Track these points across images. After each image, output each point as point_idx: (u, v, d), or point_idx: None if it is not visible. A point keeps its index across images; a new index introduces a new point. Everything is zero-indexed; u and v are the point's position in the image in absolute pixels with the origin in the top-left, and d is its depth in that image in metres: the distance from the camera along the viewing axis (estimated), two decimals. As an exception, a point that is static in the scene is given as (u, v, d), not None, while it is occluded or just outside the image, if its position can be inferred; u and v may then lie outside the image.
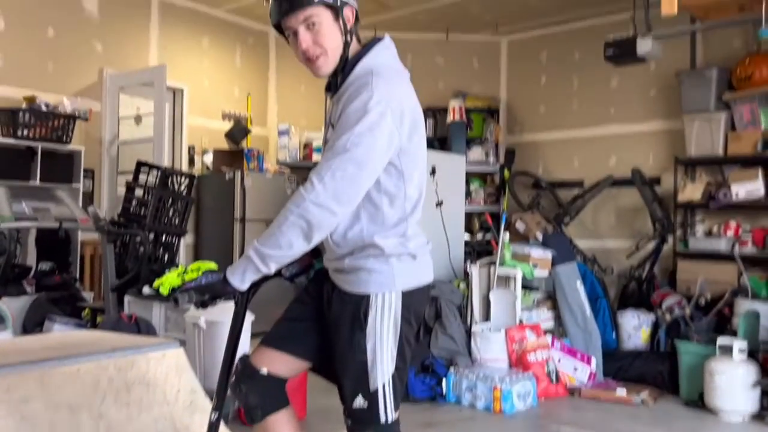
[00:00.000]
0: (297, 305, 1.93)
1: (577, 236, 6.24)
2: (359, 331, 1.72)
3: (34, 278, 5.23)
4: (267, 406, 1.84)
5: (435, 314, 4.71)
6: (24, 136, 5.30)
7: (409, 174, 1.76)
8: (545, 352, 4.46)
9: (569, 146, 6.82)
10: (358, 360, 1.73)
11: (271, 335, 1.90)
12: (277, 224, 1.66)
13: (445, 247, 5.44)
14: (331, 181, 1.62)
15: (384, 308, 1.73)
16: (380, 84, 1.69)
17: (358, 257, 1.74)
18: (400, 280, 1.75)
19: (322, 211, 1.62)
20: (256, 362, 1.85)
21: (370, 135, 1.64)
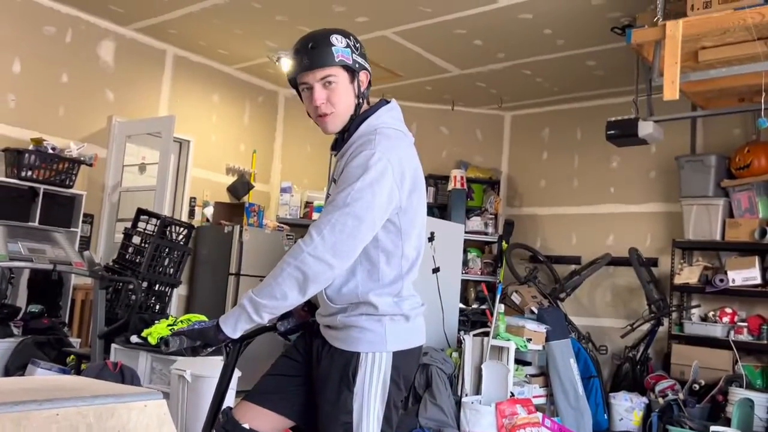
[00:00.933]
0: (285, 360, 1.90)
1: (572, 312, 6.20)
2: (346, 391, 1.70)
3: (22, 320, 5.16)
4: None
5: (425, 382, 4.64)
6: (27, 177, 5.34)
7: (407, 233, 1.76)
8: (535, 429, 4.36)
9: (568, 222, 6.86)
10: (343, 420, 1.70)
11: (256, 390, 1.87)
12: (273, 275, 1.66)
13: (439, 314, 5.40)
14: (330, 235, 1.63)
15: (374, 369, 1.70)
16: (383, 142, 1.72)
17: (350, 315, 1.73)
18: (392, 341, 1.73)
19: (320, 263, 1.62)
20: (239, 416, 1.82)
21: (371, 191, 1.65)
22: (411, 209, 1.77)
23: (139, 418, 2.38)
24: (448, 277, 5.58)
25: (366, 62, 1.87)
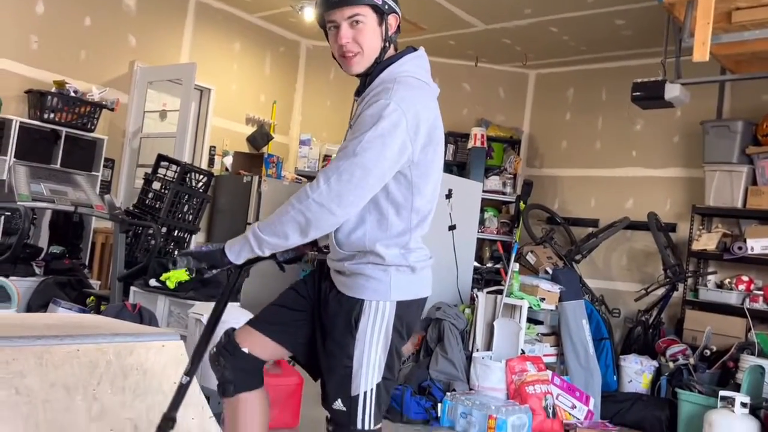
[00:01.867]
0: (292, 294, 1.91)
1: (587, 275, 6.20)
2: (349, 336, 1.72)
3: (44, 260, 5.26)
4: (241, 383, 1.85)
5: (437, 337, 4.69)
6: (50, 120, 5.37)
7: (418, 187, 1.75)
8: (544, 386, 4.41)
9: (587, 184, 6.80)
10: (343, 364, 1.73)
11: (260, 318, 1.90)
12: (278, 214, 1.68)
13: (453, 272, 5.42)
14: (336, 183, 1.62)
15: (377, 317, 1.72)
16: (401, 92, 1.68)
17: (358, 262, 1.74)
18: (397, 291, 1.74)
19: (323, 210, 1.63)
20: (239, 340, 1.85)
21: (381, 142, 1.63)
22: (424, 163, 1.74)
23: (156, 357, 2.44)
24: (464, 234, 5.58)
25: (396, 5, 1.83)
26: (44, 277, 5.07)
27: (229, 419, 1.90)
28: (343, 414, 1.73)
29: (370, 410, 1.73)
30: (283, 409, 3.63)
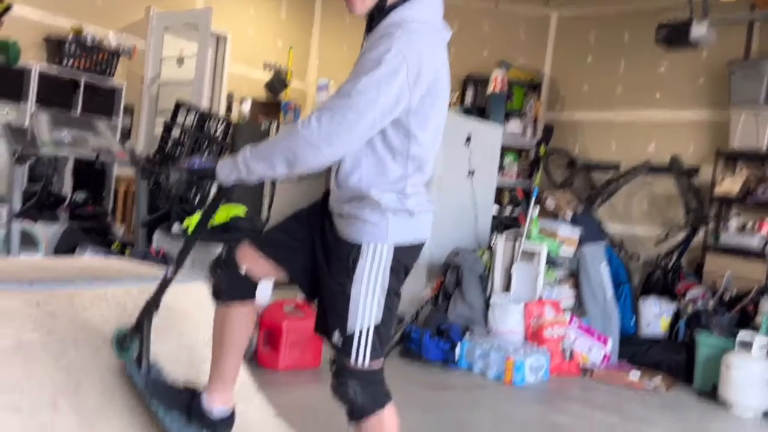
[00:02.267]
0: (294, 223, 1.93)
1: (607, 219, 6.18)
2: (346, 276, 1.75)
3: (68, 207, 5.35)
4: (233, 294, 1.92)
5: (456, 281, 4.73)
6: (69, 66, 5.38)
7: (415, 135, 1.73)
8: (562, 329, 4.46)
9: (609, 128, 6.71)
10: (340, 301, 1.77)
11: (262, 239, 1.93)
12: (269, 144, 1.70)
13: (472, 217, 5.43)
14: (328, 124, 1.62)
15: (374, 259, 1.74)
16: (403, 38, 1.64)
17: (355, 206, 1.75)
18: (394, 235, 1.75)
19: (311, 148, 1.63)
20: (239, 258, 1.89)
21: (377, 88, 1.61)
22: (423, 112, 1.72)
23: (182, 300, 2.50)
24: (483, 180, 5.57)
25: None
26: (69, 223, 5.16)
27: (218, 325, 1.98)
28: (339, 347, 1.79)
29: (365, 348, 1.77)
30: (304, 351, 3.72)
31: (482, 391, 3.84)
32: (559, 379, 4.25)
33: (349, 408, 1.81)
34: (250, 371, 2.56)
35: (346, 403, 1.81)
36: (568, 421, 3.44)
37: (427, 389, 3.71)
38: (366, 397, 1.79)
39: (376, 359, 1.80)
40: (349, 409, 1.81)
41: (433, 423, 3.15)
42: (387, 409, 1.82)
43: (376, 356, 1.79)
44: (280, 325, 3.68)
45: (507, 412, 3.51)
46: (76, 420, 1.95)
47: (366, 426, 1.81)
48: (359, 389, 1.78)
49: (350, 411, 1.82)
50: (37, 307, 2.14)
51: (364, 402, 1.79)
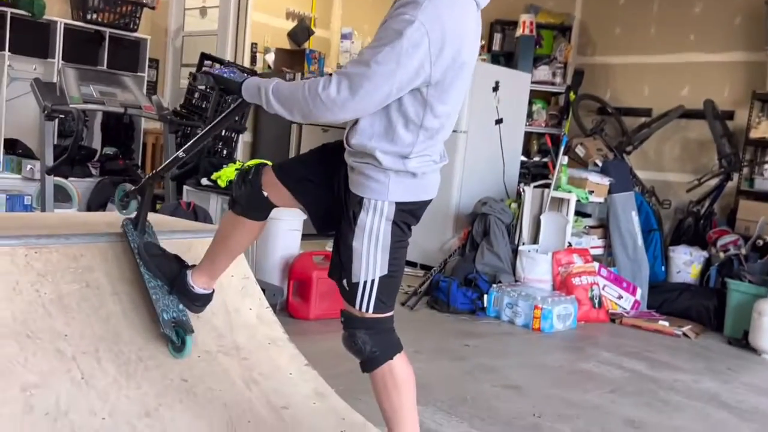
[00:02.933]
0: (317, 159, 1.95)
1: (637, 166, 6.07)
2: (349, 228, 1.78)
3: (98, 161, 5.43)
4: (249, 212, 1.98)
5: (483, 231, 4.73)
6: (93, 21, 5.37)
7: (432, 106, 1.71)
8: (591, 277, 4.46)
9: (641, 72, 6.53)
10: (345, 251, 1.80)
11: (285, 169, 1.96)
12: (291, 91, 1.72)
13: (500, 166, 5.39)
14: (345, 91, 1.62)
15: (375, 214, 1.76)
16: (429, 9, 1.60)
17: (360, 161, 1.76)
18: (395, 193, 1.76)
19: (326, 110, 1.65)
20: (263, 182, 1.93)
21: (396, 61, 1.59)
22: (443, 85, 1.69)
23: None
24: (511, 128, 5.50)
25: None
26: (100, 177, 5.25)
27: (226, 227, 2.07)
28: (346, 293, 1.83)
29: (369, 298, 1.80)
30: (334, 301, 3.75)
31: (510, 339, 3.88)
32: (587, 327, 4.27)
33: (359, 359, 1.85)
34: (281, 321, 2.61)
35: (356, 353, 1.84)
36: (597, 367, 3.47)
37: (456, 337, 3.76)
38: (374, 346, 1.82)
39: (383, 309, 1.82)
40: (361, 361, 1.85)
41: (462, 369, 3.20)
42: (398, 358, 1.85)
43: (383, 306, 1.82)
44: (310, 276, 3.73)
45: (535, 358, 3.55)
46: (115, 370, 2.02)
47: (378, 376, 1.84)
48: (367, 338, 1.81)
49: (362, 363, 1.85)
50: (74, 260, 2.19)
51: (373, 351, 1.82)
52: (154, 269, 2.19)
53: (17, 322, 1.93)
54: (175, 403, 2.04)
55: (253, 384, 2.27)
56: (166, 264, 2.20)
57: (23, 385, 1.82)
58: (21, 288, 2.00)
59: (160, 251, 2.24)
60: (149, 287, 2.17)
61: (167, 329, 2.13)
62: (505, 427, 2.57)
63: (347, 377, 2.59)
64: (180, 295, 2.17)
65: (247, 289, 2.57)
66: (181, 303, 2.19)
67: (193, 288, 2.15)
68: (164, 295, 2.18)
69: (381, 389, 1.85)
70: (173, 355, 2.17)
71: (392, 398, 1.84)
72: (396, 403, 1.84)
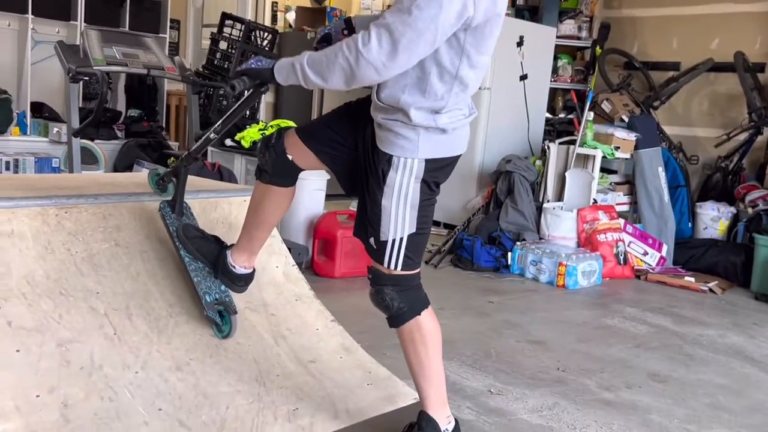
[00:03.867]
0: (341, 119, 1.93)
1: (665, 121, 5.96)
2: (377, 186, 1.77)
3: (123, 124, 5.48)
4: (276, 179, 1.97)
5: (507, 189, 4.71)
6: (114, -19, 5.36)
7: (468, 54, 1.66)
8: (616, 234, 4.43)
9: (669, 24, 6.36)
10: (374, 209, 1.79)
11: (309, 131, 1.94)
12: (327, 58, 1.64)
13: (524, 123, 5.33)
14: (387, 43, 1.56)
15: (404, 172, 1.74)
16: None
17: (389, 118, 1.73)
18: (425, 150, 1.73)
19: (369, 67, 1.59)
20: (287, 145, 1.93)
21: (438, 3, 1.52)
22: (482, 31, 1.64)
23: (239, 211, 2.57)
24: (535, 84, 5.42)
25: None
26: (126, 139, 5.30)
27: (256, 198, 2.05)
28: (373, 251, 1.83)
29: (398, 256, 1.80)
30: (359, 259, 3.80)
31: (535, 295, 3.89)
32: (612, 283, 4.27)
33: (387, 314, 1.87)
34: (307, 279, 2.65)
35: (384, 309, 1.86)
36: (621, 323, 3.47)
37: (480, 294, 3.78)
38: (402, 302, 1.84)
39: (411, 266, 1.83)
40: (388, 316, 1.87)
41: (487, 325, 3.23)
42: (425, 314, 1.87)
43: (411, 263, 1.83)
44: (335, 235, 3.76)
45: (560, 314, 3.56)
46: (146, 326, 2.07)
47: (405, 331, 1.86)
48: (395, 294, 1.83)
49: (389, 318, 1.88)
50: (103, 220, 2.23)
51: (401, 307, 1.84)
52: (193, 251, 2.17)
53: (51, 280, 1.99)
54: (205, 357, 2.09)
55: (281, 339, 2.32)
56: (206, 245, 2.18)
57: (59, 340, 1.87)
58: (53, 247, 2.05)
59: (199, 233, 2.22)
60: (189, 270, 2.17)
61: (210, 311, 2.13)
62: (530, 380, 2.60)
63: (372, 333, 2.63)
64: (222, 276, 2.16)
65: (274, 248, 2.60)
66: (224, 284, 2.18)
67: (234, 268, 2.13)
68: (206, 278, 2.17)
69: (408, 344, 1.88)
70: (218, 336, 2.16)
71: (419, 352, 1.87)
72: (423, 357, 1.87)
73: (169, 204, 2.26)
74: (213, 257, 2.16)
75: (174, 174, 2.26)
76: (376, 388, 2.26)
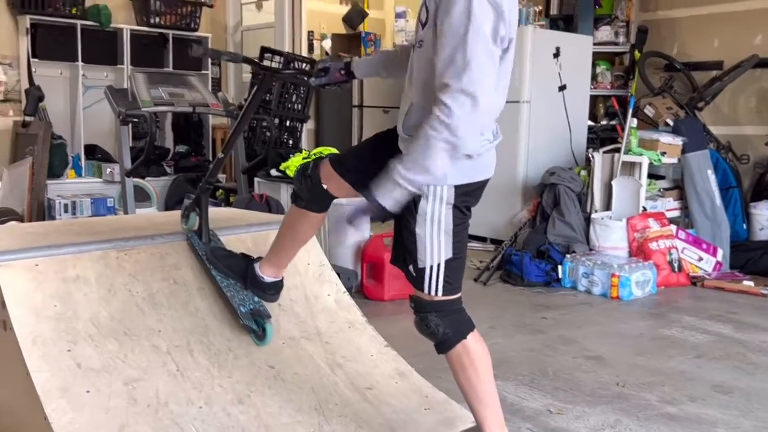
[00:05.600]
0: (373, 149, 1.98)
1: (711, 122, 5.84)
2: (410, 216, 1.78)
3: (172, 160, 5.65)
4: (311, 205, 2.06)
5: (553, 201, 4.68)
6: (156, 24, 5.55)
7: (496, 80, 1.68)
8: (668, 241, 4.35)
9: (709, 23, 6.25)
10: (408, 237, 1.81)
11: (343, 161, 2.01)
12: (419, 153, 1.61)
13: (566, 134, 5.30)
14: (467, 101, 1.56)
15: (435, 200, 1.76)
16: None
17: None
18: (453, 176, 1.74)
19: (466, 128, 1.59)
20: (322, 175, 2.00)
21: (484, 44, 1.56)
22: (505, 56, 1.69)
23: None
24: (575, 93, 5.38)
25: None
26: (175, 175, 5.46)
27: (290, 220, 2.16)
28: (413, 279, 1.85)
29: (437, 282, 1.81)
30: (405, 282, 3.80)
31: (589, 309, 3.84)
32: (668, 292, 4.18)
33: (433, 341, 1.88)
34: (357, 303, 2.68)
35: (430, 336, 1.87)
36: (680, 332, 3.40)
37: (532, 310, 3.75)
38: (447, 327, 1.84)
39: (451, 291, 1.84)
40: (435, 343, 1.88)
41: (541, 342, 3.20)
42: (471, 337, 1.87)
43: (451, 288, 1.84)
44: (382, 258, 3.79)
45: (615, 327, 3.51)
46: (207, 361, 2.13)
47: (453, 356, 1.87)
48: (439, 321, 1.84)
49: (436, 345, 1.88)
50: (161, 259, 2.31)
51: (446, 332, 1.85)
52: (224, 269, 2.29)
53: (115, 321, 2.06)
54: (264, 389, 2.14)
55: (337, 367, 2.35)
56: (234, 261, 2.30)
57: (126, 379, 1.94)
58: (115, 289, 2.13)
59: (226, 252, 2.35)
60: (223, 287, 2.28)
61: (246, 320, 2.24)
62: (589, 398, 2.57)
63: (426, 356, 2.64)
64: (253, 287, 2.26)
65: (324, 276, 2.64)
66: (256, 295, 2.28)
67: (263, 278, 2.24)
68: (238, 291, 2.28)
69: (458, 369, 1.88)
70: (257, 344, 2.27)
71: (470, 376, 1.87)
72: (474, 380, 1.87)
73: (196, 233, 2.39)
74: (242, 271, 2.27)
75: (196, 204, 2.38)
76: (433, 413, 2.27)
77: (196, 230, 2.40)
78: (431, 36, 1.67)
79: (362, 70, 2.14)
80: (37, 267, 2.04)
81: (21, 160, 4.96)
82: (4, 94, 5.17)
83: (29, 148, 4.95)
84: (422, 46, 1.72)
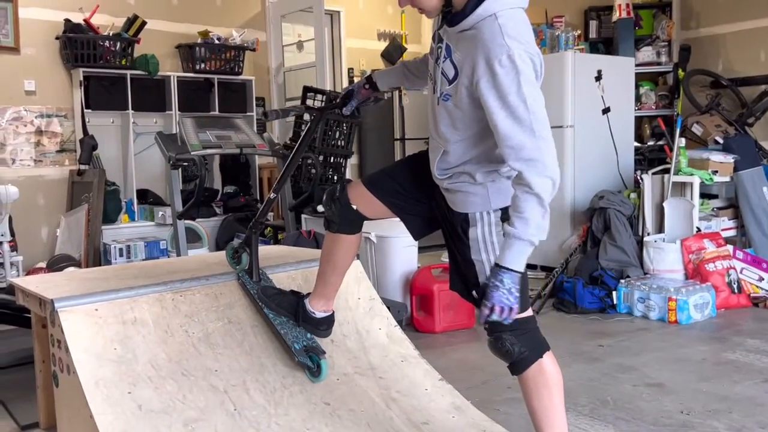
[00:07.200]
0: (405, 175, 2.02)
1: (763, 137, 5.69)
2: (462, 244, 1.83)
3: (221, 201, 5.76)
4: (343, 228, 2.10)
5: (603, 226, 4.60)
6: (201, 70, 5.73)
7: None
8: (726, 261, 4.22)
9: (754, 37, 6.13)
10: (466, 266, 1.84)
11: (376, 184, 2.04)
12: (531, 219, 1.62)
13: (613, 157, 5.22)
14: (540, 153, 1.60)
15: (484, 226, 1.81)
16: (509, 27, 1.61)
17: (455, 181, 1.82)
18: (496, 200, 1.80)
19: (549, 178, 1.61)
20: (351, 197, 2.04)
21: (533, 88, 1.61)
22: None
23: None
24: (619, 115, 5.32)
25: None
26: (224, 215, 5.57)
27: (327, 247, 2.19)
28: (479, 301, 1.83)
29: None
30: (457, 312, 3.80)
31: (646, 335, 3.73)
32: (728, 314, 4.04)
33: (508, 361, 1.85)
34: (408, 336, 2.66)
35: (505, 356, 1.84)
36: (744, 356, 3.27)
37: (588, 338, 3.67)
38: (523, 346, 1.82)
39: (522, 307, 1.81)
40: (510, 363, 1.85)
41: (600, 371, 3.12)
42: (547, 357, 1.85)
43: (522, 306, 1.80)
44: (432, 290, 3.77)
45: (675, 352, 3.40)
46: (263, 399, 2.14)
47: (528, 377, 1.84)
48: (515, 339, 1.82)
49: (511, 365, 1.86)
50: (215, 299, 2.35)
51: (522, 351, 1.82)
52: (275, 307, 2.33)
53: (173, 362, 2.10)
54: (321, 426, 2.14)
55: (392, 402, 2.33)
56: (285, 299, 2.34)
57: (185, 420, 1.97)
58: (172, 330, 2.18)
59: (276, 290, 2.39)
60: (275, 324, 2.31)
61: (301, 357, 2.26)
62: (653, 427, 2.48)
63: (481, 388, 2.61)
64: (305, 323, 2.29)
65: (375, 310, 2.64)
66: (308, 331, 2.30)
67: (314, 314, 2.26)
68: (291, 328, 2.31)
69: (532, 389, 1.85)
70: (312, 380, 2.27)
71: (543, 397, 1.84)
72: (547, 402, 1.84)
73: (247, 272, 2.44)
74: (293, 308, 2.30)
75: (246, 244, 2.44)
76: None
77: (247, 269, 2.43)
78: (464, 97, 1.70)
79: (384, 80, 2.21)
80: (97, 312, 2.10)
81: (77, 208, 5.13)
82: (60, 145, 5.38)
83: (85, 196, 5.12)
84: (448, 100, 1.75)
